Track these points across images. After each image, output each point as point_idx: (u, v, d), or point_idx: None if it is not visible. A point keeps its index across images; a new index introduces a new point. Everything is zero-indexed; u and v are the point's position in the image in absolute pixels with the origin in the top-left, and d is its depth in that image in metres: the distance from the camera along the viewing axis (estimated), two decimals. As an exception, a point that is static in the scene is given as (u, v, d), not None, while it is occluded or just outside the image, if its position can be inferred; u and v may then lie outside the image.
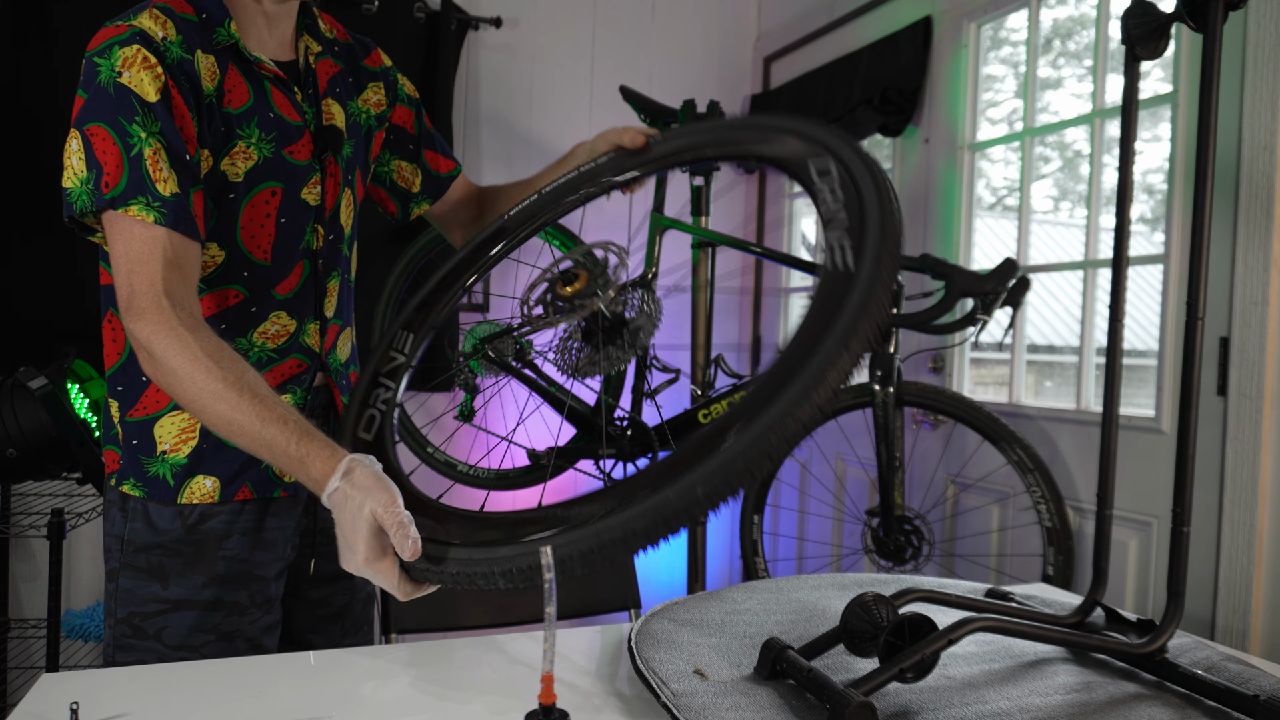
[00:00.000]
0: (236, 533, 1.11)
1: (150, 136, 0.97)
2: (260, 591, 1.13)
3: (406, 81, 1.31)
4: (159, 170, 0.97)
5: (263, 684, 0.94)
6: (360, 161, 1.23)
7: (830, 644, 0.92)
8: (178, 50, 1.01)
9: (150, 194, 0.97)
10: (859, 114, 2.61)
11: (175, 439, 1.10)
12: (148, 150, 0.97)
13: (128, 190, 0.96)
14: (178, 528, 1.09)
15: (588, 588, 1.51)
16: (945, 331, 1.93)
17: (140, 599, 1.09)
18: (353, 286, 1.27)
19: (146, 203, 0.97)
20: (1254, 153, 1.69)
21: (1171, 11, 0.93)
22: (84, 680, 0.95)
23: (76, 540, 2.40)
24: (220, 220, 1.07)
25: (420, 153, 1.32)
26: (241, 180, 1.07)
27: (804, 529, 2.98)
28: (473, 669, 1.01)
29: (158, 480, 1.10)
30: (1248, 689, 0.88)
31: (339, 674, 0.98)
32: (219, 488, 1.10)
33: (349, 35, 1.26)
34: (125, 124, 0.97)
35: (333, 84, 1.19)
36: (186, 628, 1.09)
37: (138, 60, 0.97)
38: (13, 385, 1.86)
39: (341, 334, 1.22)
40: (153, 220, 0.97)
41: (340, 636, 1.25)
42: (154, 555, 1.09)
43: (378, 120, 1.26)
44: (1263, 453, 1.66)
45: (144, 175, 0.97)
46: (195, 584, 1.09)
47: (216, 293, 1.09)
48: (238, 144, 1.07)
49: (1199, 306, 0.90)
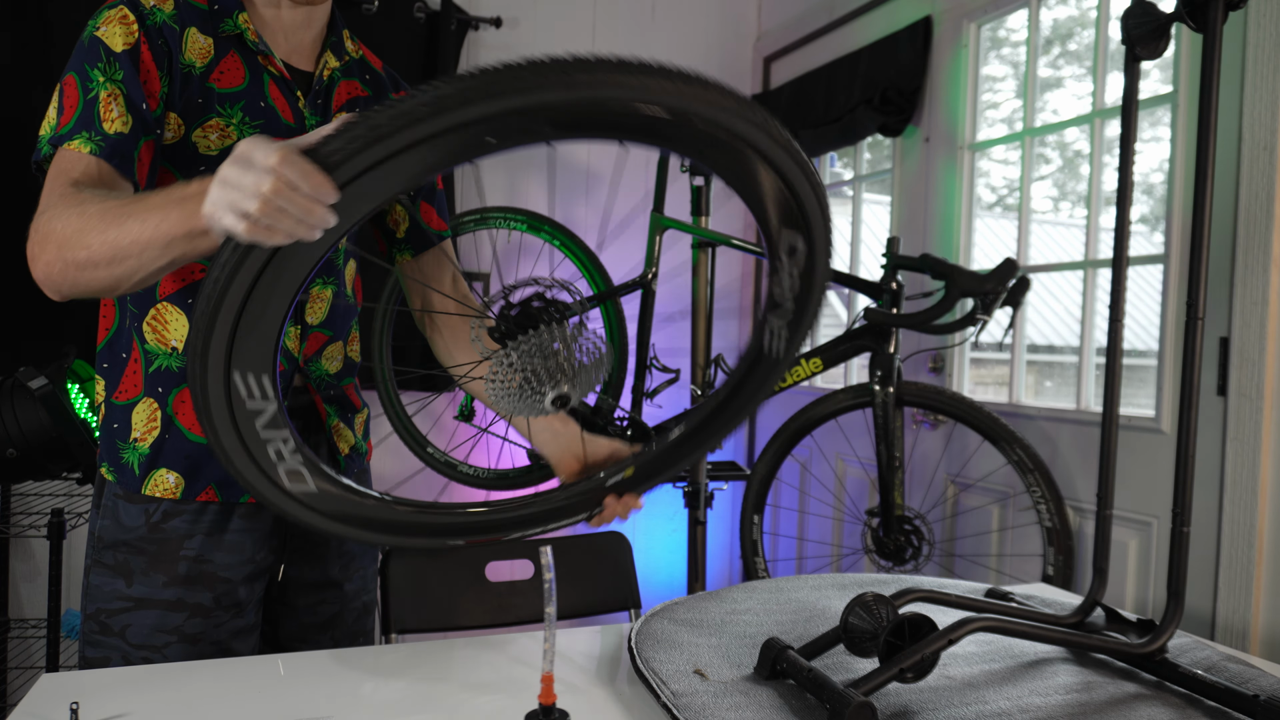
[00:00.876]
0: (199, 533, 1.10)
1: (108, 81, 0.99)
2: (227, 595, 1.12)
3: None
4: (109, 111, 0.99)
5: (263, 684, 0.94)
6: None
7: (830, 644, 0.92)
8: (163, 17, 1.04)
9: (94, 129, 0.98)
10: (859, 114, 2.61)
11: (144, 428, 1.09)
12: (103, 93, 0.99)
13: (75, 128, 0.98)
14: (142, 525, 1.09)
15: (588, 588, 1.51)
16: (945, 331, 1.93)
17: (106, 595, 1.09)
18: (351, 302, 1.24)
19: (88, 136, 0.98)
20: (1254, 153, 1.69)
21: (1171, 11, 0.93)
22: (84, 680, 0.95)
23: (76, 540, 2.40)
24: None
25: (417, 201, 1.29)
26: (215, 155, 1.07)
27: (804, 529, 2.98)
28: (473, 669, 1.01)
29: (127, 468, 1.10)
30: (1248, 689, 0.88)
31: (339, 674, 0.98)
32: (182, 485, 1.09)
33: (383, 67, 1.26)
34: (89, 69, 1.00)
35: (351, 105, 1.19)
36: (149, 627, 1.08)
37: (116, 18, 1.01)
38: (13, 385, 1.86)
39: (330, 345, 1.20)
40: (88, 151, 0.98)
41: (329, 646, 1.23)
42: (120, 552, 1.09)
43: None
44: (1263, 453, 1.66)
45: (94, 115, 0.98)
46: (157, 583, 1.09)
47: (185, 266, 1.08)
48: (214, 119, 1.07)
49: (1199, 306, 0.90)
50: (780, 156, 0.84)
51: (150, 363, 1.09)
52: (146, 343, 1.09)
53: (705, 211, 2.25)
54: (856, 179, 2.93)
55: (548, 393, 0.89)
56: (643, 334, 2.24)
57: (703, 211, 2.25)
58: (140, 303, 1.10)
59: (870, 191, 3.59)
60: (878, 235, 3.62)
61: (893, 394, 1.98)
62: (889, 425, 1.99)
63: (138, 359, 1.10)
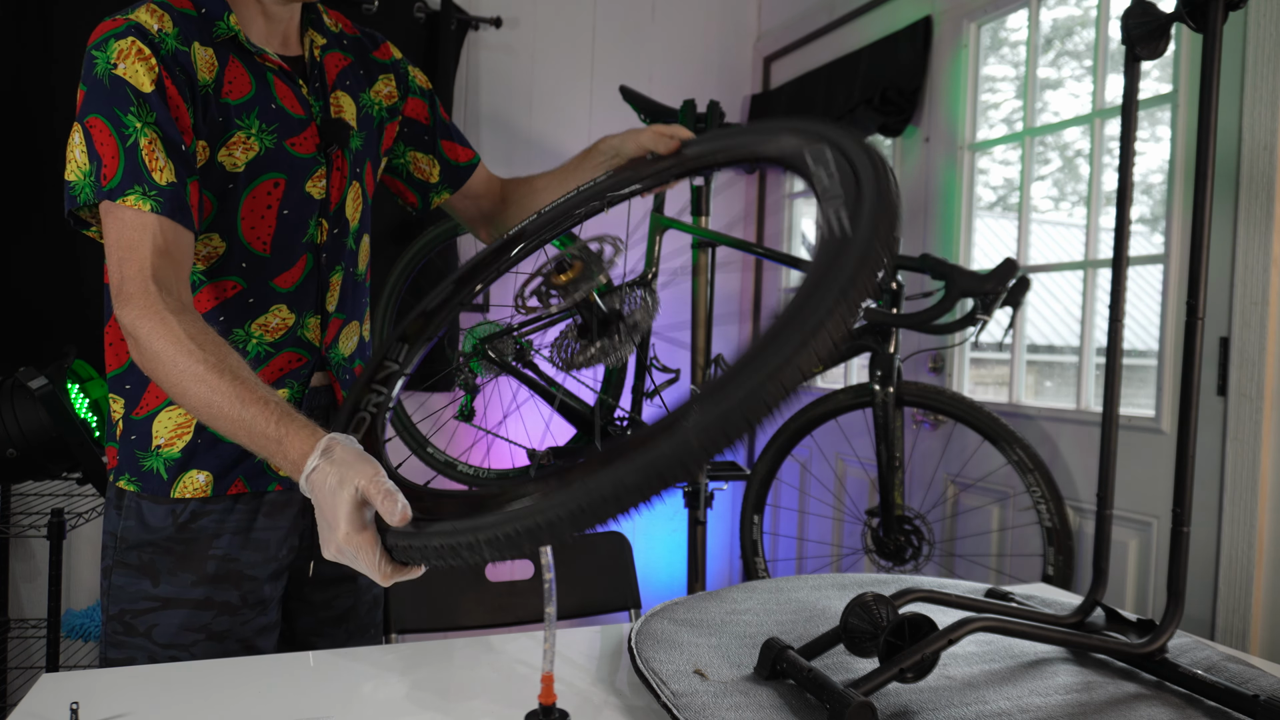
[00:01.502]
0: (227, 532, 1.11)
1: (145, 126, 0.98)
2: (253, 592, 1.13)
3: (418, 73, 1.31)
4: (155, 160, 0.98)
5: (263, 684, 0.94)
6: (370, 154, 1.23)
7: (830, 644, 0.92)
8: (173, 42, 1.02)
9: (147, 183, 0.98)
10: (859, 114, 2.61)
11: (171, 433, 1.10)
12: (143, 140, 0.98)
13: (124, 180, 0.97)
14: (169, 525, 1.10)
15: (588, 588, 1.51)
16: (945, 331, 1.93)
17: (131, 596, 1.10)
18: (361, 280, 1.26)
19: (143, 192, 0.97)
20: (1254, 153, 1.69)
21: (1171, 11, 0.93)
22: (84, 680, 0.95)
23: (76, 540, 2.40)
24: (221, 212, 1.08)
25: (436, 143, 1.32)
26: (241, 171, 1.08)
27: (804, 529, 2.98)
28: (473, 669, 1.01)
29: (152, 474, 1.10)
30: (1248, 689, 0.88)
31: (339, 674, 0.98)
32: (212, 482, 1.10)
33: (357, 29, 1.26)
34: (120, 115, 0.98)
35: (342, 76, 1.19)
36: (176, 626, 1.09)
37: (132, 52, 0.99)
38: (13, 385, 1.86)
39: (345, 328, 1.22)
40: (148, 209, 0.97)
41: (344, 639, 1.24)
42: (145, 553, 1.10)
43: (389, 112, 1.26)
44: (1263, 453, 1.66)
45: (140, 165, 0.98)
46: (185, 582, 1.09)
47: (216, 284, 1.10)
48: (236, 134, 1.07)
49: (1199, 306, 0.90)
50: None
51: None
52: None
53: (705, 211, 2.25)
54: (856, 179, 2.93)
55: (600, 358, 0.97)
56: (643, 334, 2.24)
57: (703, 211, 2.25)
58: None
59: (870, 191, 3.58)
60: (878, 235, 3.61)
61: (893, 394, 1.98)
62: (889, 425, 1.99)
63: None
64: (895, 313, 1.98)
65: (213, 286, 1.10)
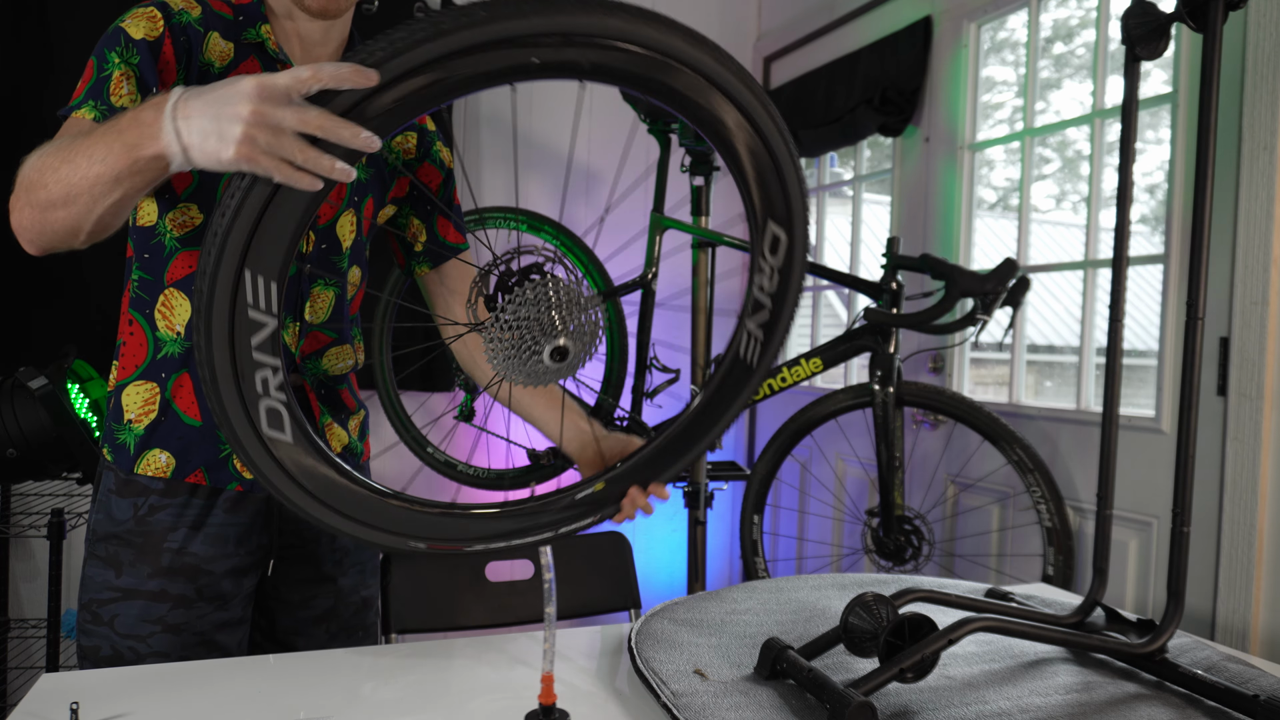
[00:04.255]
0: (183, 526, 1.13)
1: (124, 64, 1.01)
2: (209, 586, 1.14)
3: (445, 150, 1.30)
4: (119, 88, 1.00)
5: (263, 684, 0.94)
6: (374, 190, 1.22)
7: (830, 644, 0.92)
8: (189, 19, 1.06)
9: (101, 100, 0.99)
10: (859, 114, 2.61)
11: (139, 410, 1.12)
12: (117, 73, 1.00)
13: (83, 99, 0.99)
14: (130, 519, 1.12)
15: (588, 588, 1.51)
16: (945, 331, 1.93)
17: (98, 586, 1.12)
18: (350, 305, 1.24)
19: (93, 105, 0.99)
20: (1254, 153, 1.69)
21: (1171, 11, 0.93)
22: (84, 680, 0.95)
23: (76, 540, 2.40)
24: (201, 186, 1.09)
25: (433, 215, 1.30)
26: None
27: (804, 529, 2.98)
28: (473, 669, 1.01)
29: (123, 449, 1.13)
30: (1248, 689, 0.88)
31: (339, 674, 0.98)
32: (173, 465, 1.12)
33: None
34: (107, 53, 1.01)
35: None
36: (134, 617, 1.11)
37: (144, 15, 1.03)
38: (13, 385, 1.86)
39: (332, 347, 1.21)
40: (91, 117, 0.98)
41: (326, 640, 1.25)
42: (111, 545, 1.12)
43: (404, 165, 1.26)
44: (1263, 453, 1.66)
45: (103, 89, 0.99)
46: (142, 574, 1.12)
47: (191, 253, 1.11)
48: None
49: (1199, 306, 0.90)
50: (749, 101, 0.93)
51: (160, 349, 1.11)
52: (157, 330, 1.11)
53: (705, 211, 2.25)
54: (856, 179, 2.93)
55: (545, 346, 0.89)
56: (643, 334, 2.24)
57: (703, 211, 2.25)
58: (150, 289, 1.12)
59: (870, 191, 3.59)
60: (878, 235, 3.62)
61: (893, 394, 1.98)
62: (889, 425, 1.99)
63: (142, 342, 1.12)
64: (895, 313, 1.98)
65: (188, 255, 1.11)
